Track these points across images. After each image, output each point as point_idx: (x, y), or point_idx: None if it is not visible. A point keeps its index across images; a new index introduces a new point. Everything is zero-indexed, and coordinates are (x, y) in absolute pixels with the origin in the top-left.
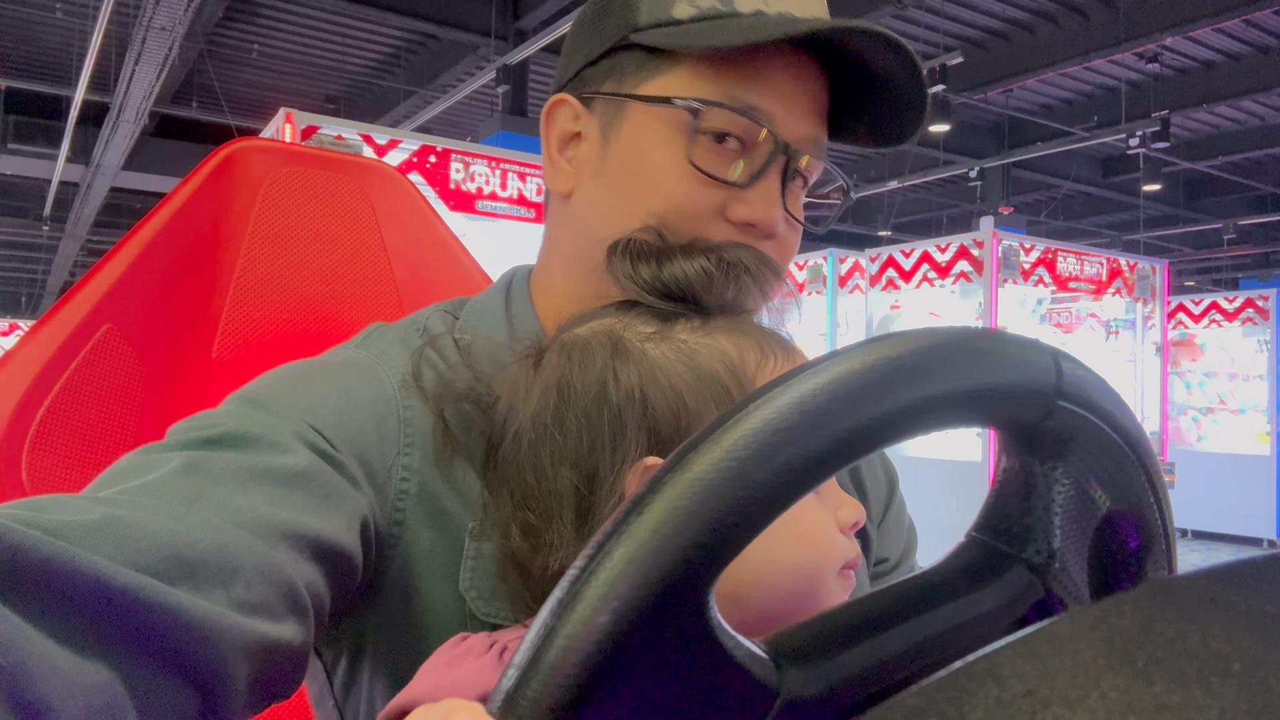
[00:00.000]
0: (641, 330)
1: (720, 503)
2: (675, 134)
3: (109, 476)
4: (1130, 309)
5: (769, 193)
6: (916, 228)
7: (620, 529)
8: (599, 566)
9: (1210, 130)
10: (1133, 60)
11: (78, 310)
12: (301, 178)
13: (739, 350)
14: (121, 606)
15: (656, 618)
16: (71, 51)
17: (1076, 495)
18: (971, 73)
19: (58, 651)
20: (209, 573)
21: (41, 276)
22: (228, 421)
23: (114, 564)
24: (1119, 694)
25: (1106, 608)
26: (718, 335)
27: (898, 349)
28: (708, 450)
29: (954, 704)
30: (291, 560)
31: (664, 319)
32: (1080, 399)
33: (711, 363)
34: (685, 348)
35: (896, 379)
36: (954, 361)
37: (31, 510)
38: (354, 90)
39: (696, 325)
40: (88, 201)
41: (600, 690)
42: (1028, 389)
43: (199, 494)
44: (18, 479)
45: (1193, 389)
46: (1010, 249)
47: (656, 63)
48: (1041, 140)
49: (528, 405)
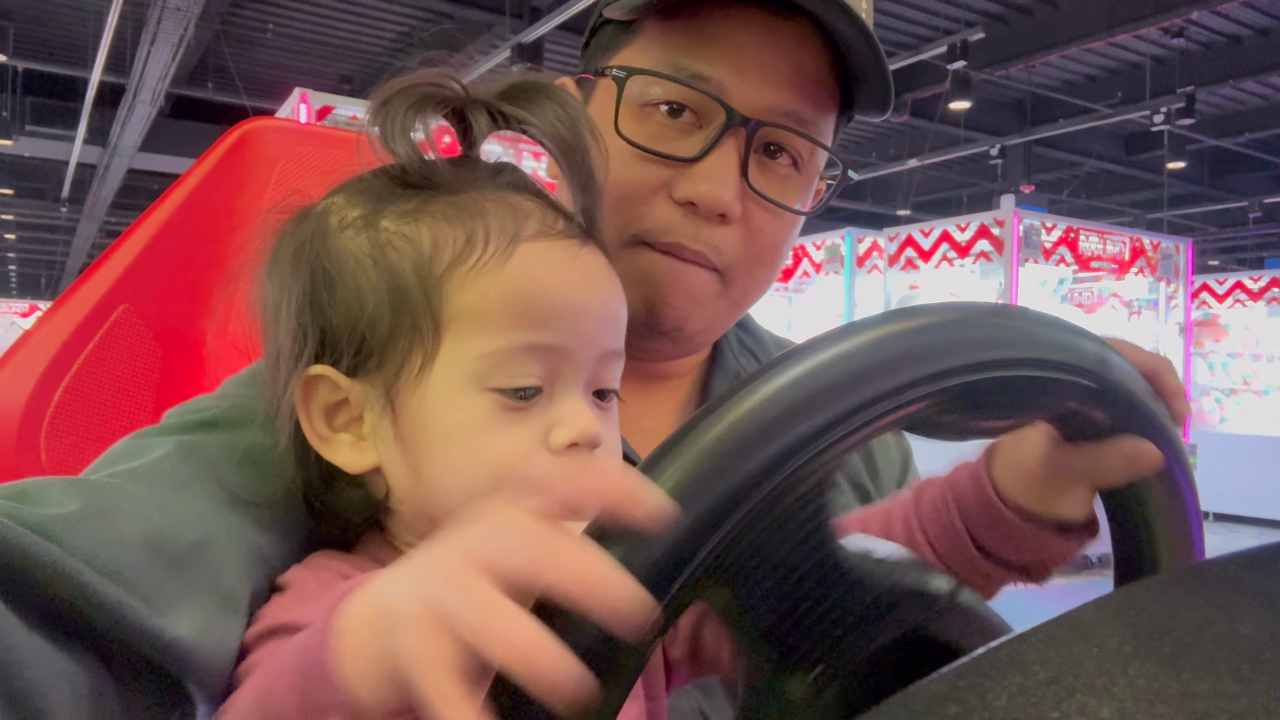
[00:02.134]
0: (350, 213)
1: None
2: (634, 113)
3: (106, 459)
4: (1153, 289)
5: (718, 168)
6: (936, 207)
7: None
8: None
9: (1236, 106)
10: (1158, 35)
11: (94, 291)
12: (315, 157)
13: (435, 242)
14: (101, 618)
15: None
16: (87, 33)
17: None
18: (993, 48)
19: (40, 640)
20: (195, 566)
21: (60, 258)
22: (221, 404)
23: (97, 575)
24: (1146, 681)
25: (1132, 593)
26: (424, 222)
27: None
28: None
29: (976, 691)
30: (280, 543)
31: (388, 196)
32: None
33: (400, 260)
34: (380, 238)
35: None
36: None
37: (15, 499)
38: (369, 70)
39: (411, 207)
40: (105, 183)
41: None
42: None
43: (190, 479)
44: (36, 458)
45: (1216, 370)
46: (1031, 228)
47: (624, 36)
48: (1064, 117)
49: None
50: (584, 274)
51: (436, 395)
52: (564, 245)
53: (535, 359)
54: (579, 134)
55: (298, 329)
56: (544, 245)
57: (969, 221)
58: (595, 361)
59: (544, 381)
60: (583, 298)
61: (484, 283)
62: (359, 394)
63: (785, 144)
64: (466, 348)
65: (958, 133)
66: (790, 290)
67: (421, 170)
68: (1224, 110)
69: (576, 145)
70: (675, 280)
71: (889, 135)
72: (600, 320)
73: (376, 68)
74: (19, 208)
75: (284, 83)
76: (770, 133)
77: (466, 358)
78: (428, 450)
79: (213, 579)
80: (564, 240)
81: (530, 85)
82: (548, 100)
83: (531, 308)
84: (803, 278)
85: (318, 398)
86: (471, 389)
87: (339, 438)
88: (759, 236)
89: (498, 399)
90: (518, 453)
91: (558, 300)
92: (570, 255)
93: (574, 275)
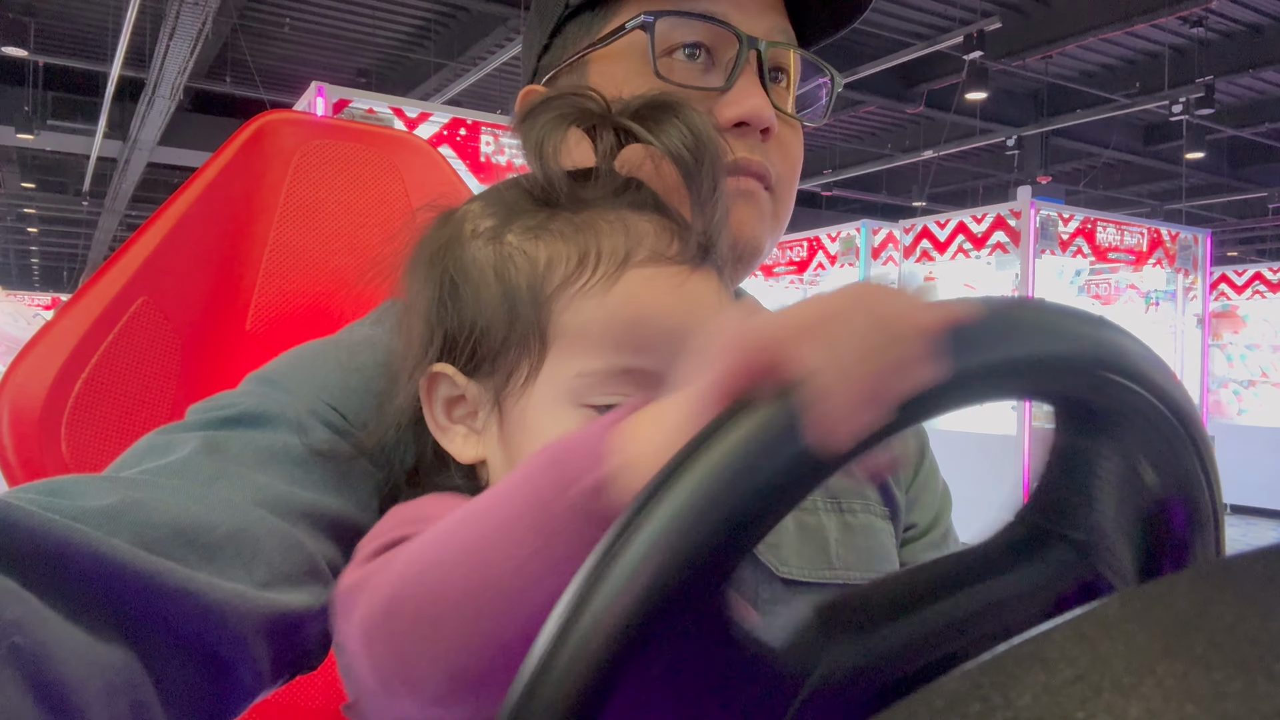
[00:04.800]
0: (483, 224)
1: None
2: (638, 63)
3: (130, 456)
4: (1171, 280)
5: (750, 86)
6: (952, 198)
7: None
8: (628, 541)
9: (1256, 96)
10: (1176, 24)
11: (113, 284)
12: (332, 150)
13: (549, 260)
14: (139, 590)
15: (679, 601)
16: (107, 28)
17: (1126, 474)
18: (1010, 38)
19: (76, 633)
20: (230, 554)
21: (82, 251)
22: (245, 401)
23: (133, 548)
24: (1175, 680)
25: (1160, 589)
26: (544, 239)
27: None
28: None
29: (999, 689)
30: (312, 537)
31: (518, 209)
32: (1132, 373)
33: (517, 276)
34: (503, 252)
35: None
36: (1005, 331)
37: (50, 495)
38: (385, 64)
39: (535, 223)
40: (125, 177)
41: (625, 665)
42: (1074, 359)
43: (219, 473)
44: (57, 450)
45: (1234, 361)
46: (1048, 219)
47: (603, 13)
48: (1081, 108)
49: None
50: (688, 301)
51: (536, 405)
52: (672, 272)
53: (630, 381)
54: (702, 155)
55: (426, 327)
56: (651, 271)
57: (985, 213)
58: None
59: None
60: (683, 325)
61: (589, 305)
62: (474, 393)
63: (782, 65)
64: (567, 365)
65: (974, 123)
66: (805, 282)
67: (548, 185)
68: (1243, 100)
69: (698, 166)
70: (748, 200)
71: (904, 126)
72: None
73: (392, 61)
74: (41, 202)
75: (301, 76)
76: (773, 54)
77: (566, 374)
78: (522, 453)
79: (246, 567)
80: (673, 266)
81: (661, 103)
82: (675, 119)
83: (629, 333)
84: (818, 269)
85: (439, 391)
86: (568, 403)
87: (455, 429)
88: (789, 150)
89: (591, 415)
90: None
91: (657, 328)
92: (677, 283)
93: (677, 303)
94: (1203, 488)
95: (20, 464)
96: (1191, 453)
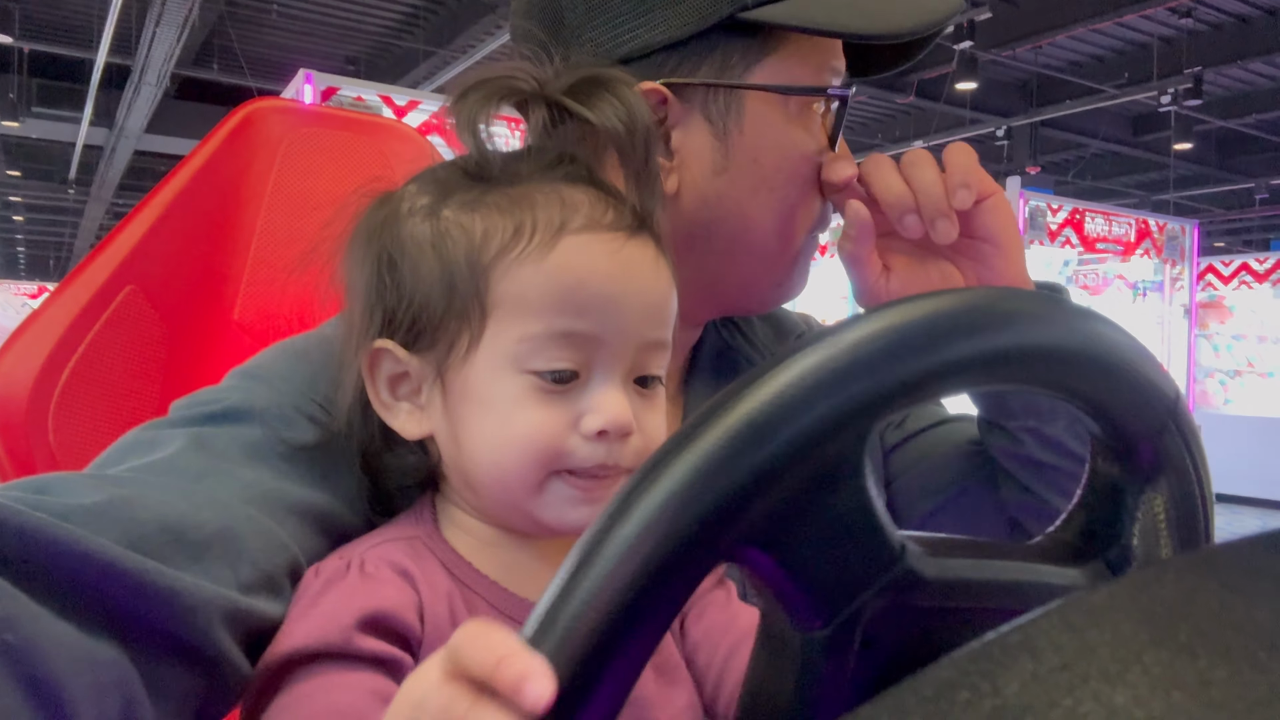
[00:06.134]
0: (419, 201)
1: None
2: (805, 121)
3: (115, 452)
4: (1159, 270)
5: (844, 145)
6: None
7: (659, 465)
8: (635, 504)
9: (1244, 87)
10: (1165, 15)
11: (100, 272)
12: (320, 139)
13: (486, 232)
14: (127, 589)
15: (825, 435)
16: (93, 14)
17: (1147, 521)
18: (999, 28)
19: (66, 630)
20: (216, 553)
21: (68, 240)
22: (230, 396)
23: (121, 548)
24: (1161, 669)
25: (1146, 578)
26: (480, 212)
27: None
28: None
29: (988, 677)
30: (297, 535)
31: (454, 186)
32: (1187, 429)
33: (455, 249)
34: (440, 227)
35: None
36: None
37: (38, 492)
38: (374, 51)
39: (471, 198)
40: (112, 165)
41: (754, 485)
42: (1151, 401)
43: (206, 471)
44: (44, 439)
45: (1220, 351)
46: (1037, 209)
47: (762, 42)
48: (1070, 98)
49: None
50: (625, 266)
51: (479, 374)
52: (608, 238)
53: (570, 345)
54: (635, 131)
55: (365, 306)
56: (587, 238)
57: None
58: (635, 351)
59: (580, 367)
60: (620, 289)
61: (526, 271)
62: (416, 367)
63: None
64: (508, 331)
65: (964, 114)
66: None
67: (483, 162)
68: (1232, 91)
69: (630, 139)
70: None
71: (895, 116)
72: (639, 311)
73: (381, 49)
74: (26, 190)
75: (289, 64)
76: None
77: (507, 341)
78: (466, 422)
79: (232, 566)
80: (609, 233)
81: (593, 79)
82: (608, 95)
83: (568, 297)
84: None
85: (382, 368)
86: (510, 370)
87: (400, 405)
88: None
89: (534, 380)
90: (546, 431)
91: (594, 291)
92: (613, 248)
93: (613, 268)
94: (1191, 477)
95: (7, 453)
96: (1180, 443)
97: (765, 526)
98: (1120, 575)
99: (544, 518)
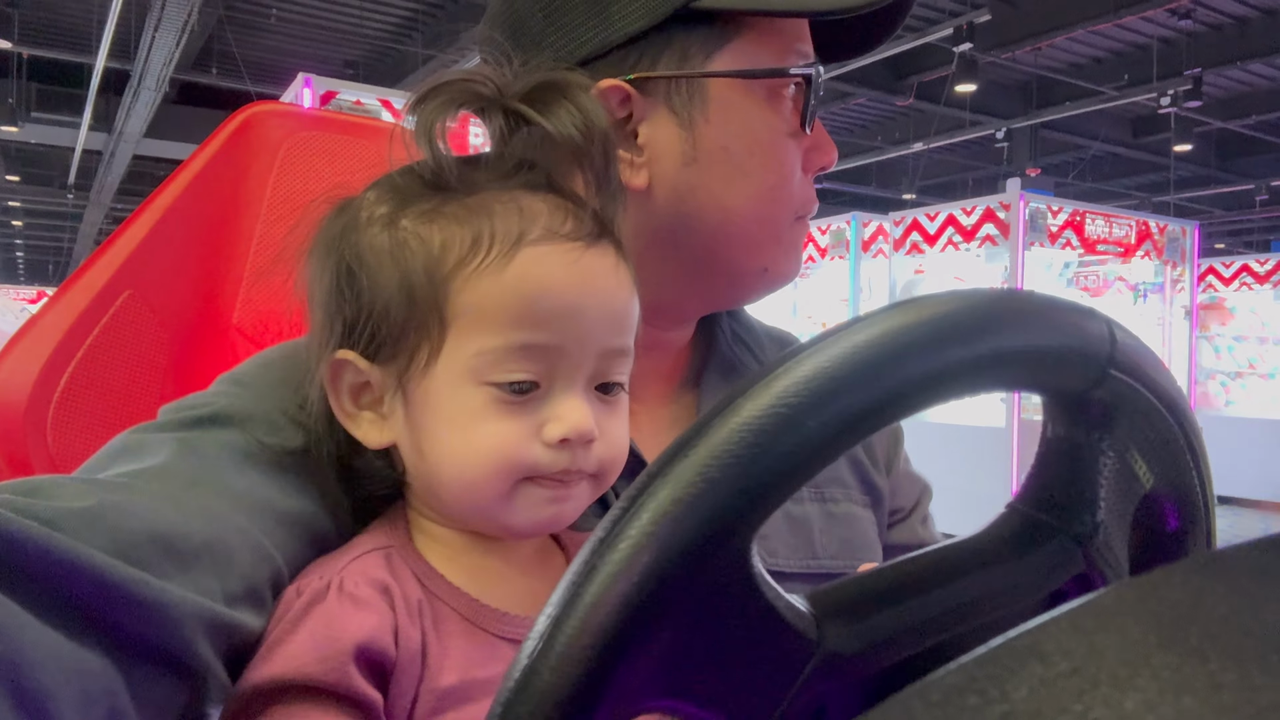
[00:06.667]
0: (377, 210)
1: (766, 453)
2: (774, 104)
3: (103, 456)
4: (1159, 272)
5: (821, 127)
6: (941, 190)
7: (665, 470)
8: (641, 507)
9: (1244, 89)
10: (1165, 16)
11: (98, 277)
12: (318, 142)
13: (444, 243)
14: (115, 600)
15: (697, 562)
16: (92, 19)
17: (1120, 468)
18: (999, 31)
19: (54, 638)
20: (205, 564)
21: (68, 245)
22: (217, 401)
23: (109, 557)
24: (1171, 672)
25: (1154, 580)
26: (438, 222)
27: (951, 306)
28: (757, 395)
29: (996, 682)
30: (283, 545)
31: (412, 195)
32: (1131, 369)
33: (413, 260)
34: (398, 237)
35: (950, 335)
36: (1009, 322)
37: (28, 495)
38: (373, 55)
39: (430, 208)
40: (111, 169)
41: (638, 632)
42: (1081, 354)
43: (197, 478)
44: (43, 444)
45: (1221, 353)
46: (1037, 211)
47: (720, 30)
48: (1070, 100)
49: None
50: (584, 276)
51: (439, 385)
52: (566, 248)
53: (529, 357)
54: (592, 137)
55: (325, 316)
56: (545, 249)
57: (974, 205)
58: (596, 359)
59: (540, 378)
60: (580, 299)
61: (485, 284)
62: (378, 378)
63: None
64: (467, 344)
65: (963, 116)
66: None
67: (440, 170)
68: (1231, 92)
69: (588, 148)
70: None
71: (894, 119)
72: (599, 320)
73: (380, 53)
74: (25, 194)
75: (288, 68)
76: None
77: (466, 353)
78: (429, 433)
79: (220, 578)
80: (567, 243)
81: (550, 85)
82: (564, 101)
83: (527, 309)
84: (808, 263)
85: (344, 379)
86: (470, 382)
87: (363, 415)
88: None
89: (494, 392)
90: (509, 442)
91: (554, 303)
92: (571, 259)
93: (573, 278)
94: (1194, 480)
95: (5, 458)
96: (1183, 445)
97: (666, 673)
98: (1087, 550)
99: (514, 522)
